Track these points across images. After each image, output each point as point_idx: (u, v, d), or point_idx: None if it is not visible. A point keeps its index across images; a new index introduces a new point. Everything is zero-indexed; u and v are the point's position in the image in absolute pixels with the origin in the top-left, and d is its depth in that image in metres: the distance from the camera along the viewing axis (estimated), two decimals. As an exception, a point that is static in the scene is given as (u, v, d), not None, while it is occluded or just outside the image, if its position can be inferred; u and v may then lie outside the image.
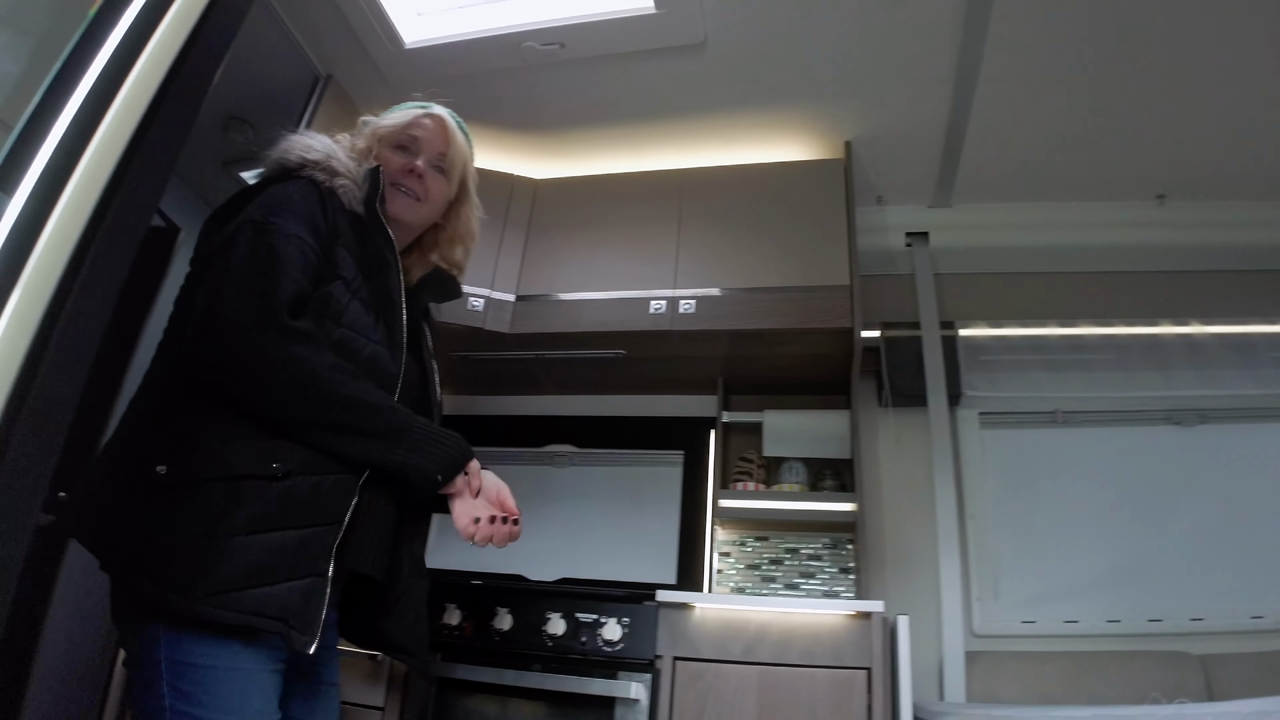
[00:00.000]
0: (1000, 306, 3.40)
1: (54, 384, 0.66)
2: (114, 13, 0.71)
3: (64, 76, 0.67)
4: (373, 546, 1.44)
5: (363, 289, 1.47)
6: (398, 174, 1.61)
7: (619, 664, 2.29)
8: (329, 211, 1.46)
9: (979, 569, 3.03)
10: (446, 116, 1.71)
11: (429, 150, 1.65)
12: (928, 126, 3.15)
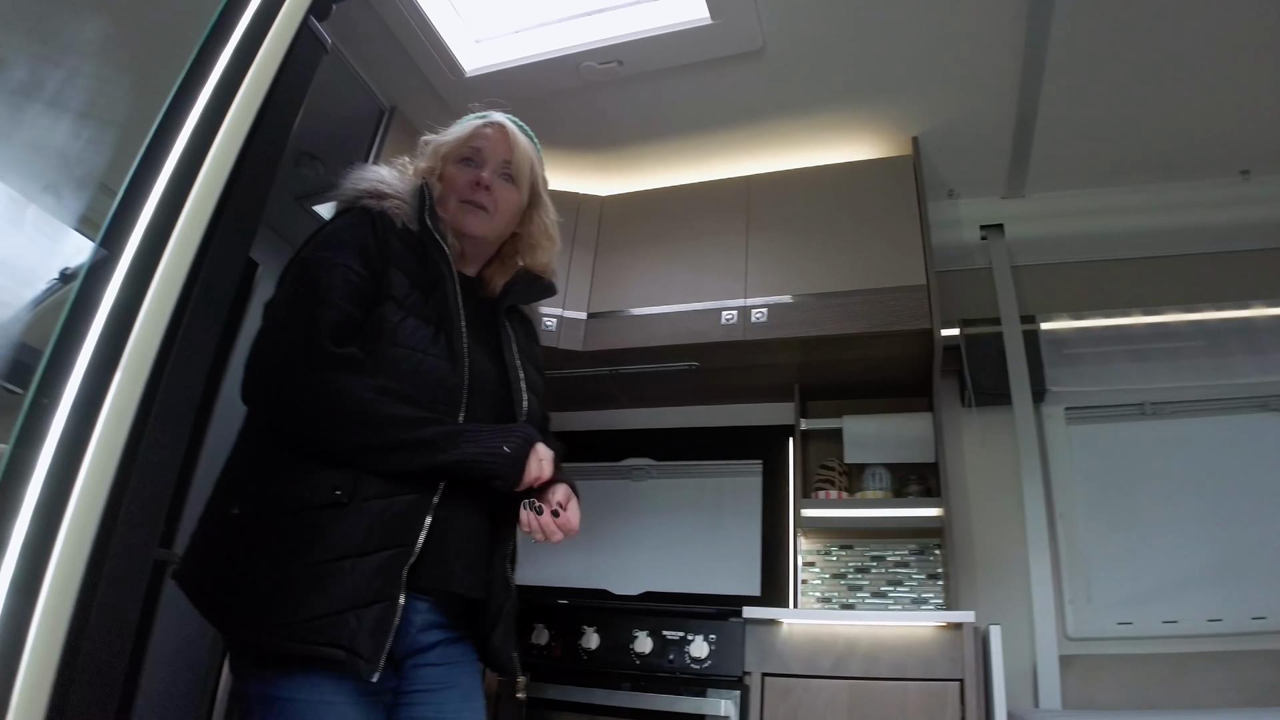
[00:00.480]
0: (1082, 297, 3.30)
1: (166, 424, 0.71)
2: (199, 78, 0.75)
3: (156, 144, 0.71)
4: (461, 563, 1.43)
5: (422, 305, 1.47)
6: (465, 189, 1.59)
7: (707, 681, 2.28)
8: (380, 235, 1.47)
9: (1070, 570, 2.93)
10: (507, 122, 1.68)
11: (494, 159, 1.63)
12: (996, 115, 3.06)
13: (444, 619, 1.46)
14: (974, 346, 3.23)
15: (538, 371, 1.69)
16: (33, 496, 0.61)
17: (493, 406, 1.52)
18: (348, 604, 1.25)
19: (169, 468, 0.71)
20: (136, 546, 0.68)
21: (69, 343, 0.65)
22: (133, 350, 0.66)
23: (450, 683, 1.46)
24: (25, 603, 0.58)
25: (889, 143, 3.25)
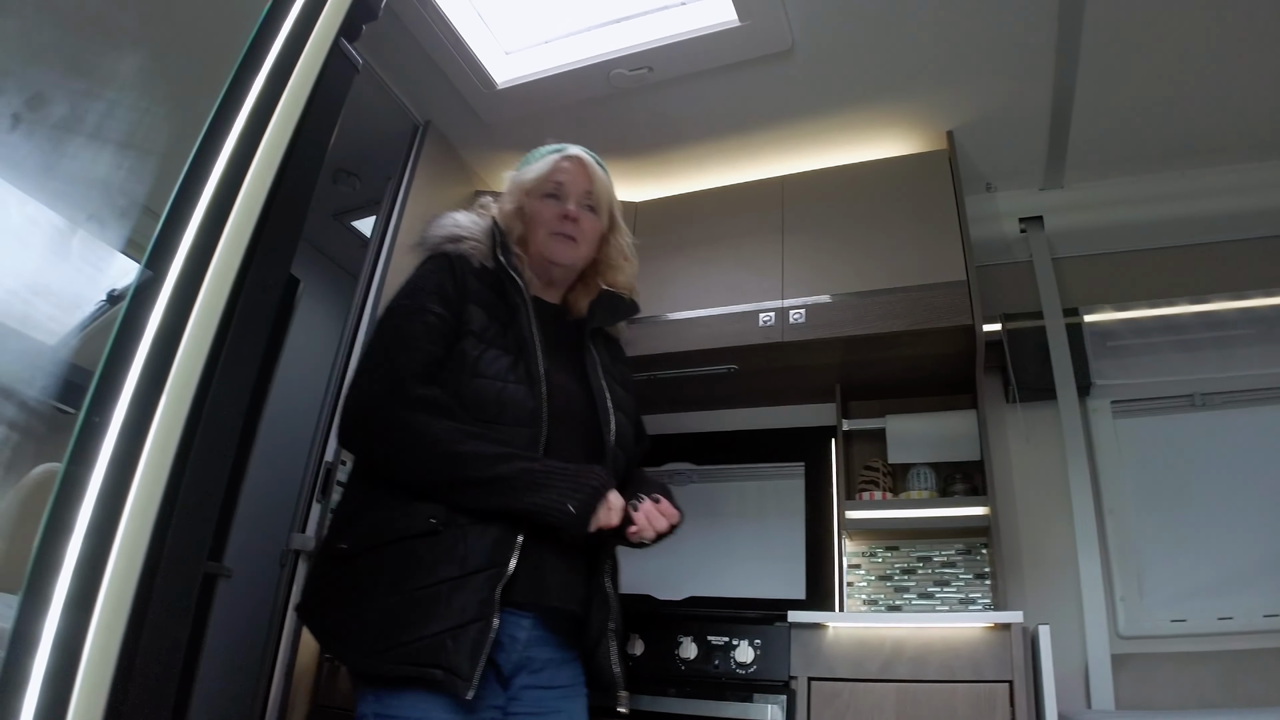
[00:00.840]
0: (1126, 287, 3.24)
1: (212, 439, 0.73)
2: (235, 104, 0.77)
3: (196, 167, 0.73)
4: (557, 579, 1.50)
5: (501, 335, 1.58)
6: (553, 221, 1.71)
7: (753, 686, 2.27)
8: (458, 276, 1.60)
9: (1121, 567, 2.88)
10: (584, 155, 1.81)
11: (576, 191, 1.75)
12: (1032, 106, 3.02)
13: (550, 634, 1.53)
14: (1017, 341, 3.19)
15: (626, 390, 1.78)
16: (86, 513, 0.62)
17: (578, 426, 1.61)
18: (446, 626, 1.32)
19: (216, 482, 0.73)
20: (187, 560, 0.70)
21: (118, 363, 0.67)
22: (179, 368, 0.68)
23: (557, 709, 1.53)
24: (81, 617, 0.60)
25: (923, 137, 3.22)
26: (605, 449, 1.62)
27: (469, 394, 1.49)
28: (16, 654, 0.58)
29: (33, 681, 0.58)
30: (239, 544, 3.33)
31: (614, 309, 1.82)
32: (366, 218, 3.84)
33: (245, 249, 0.75)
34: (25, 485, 0.74)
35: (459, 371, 1.51)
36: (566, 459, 1.51)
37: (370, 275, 2.99)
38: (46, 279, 0.78)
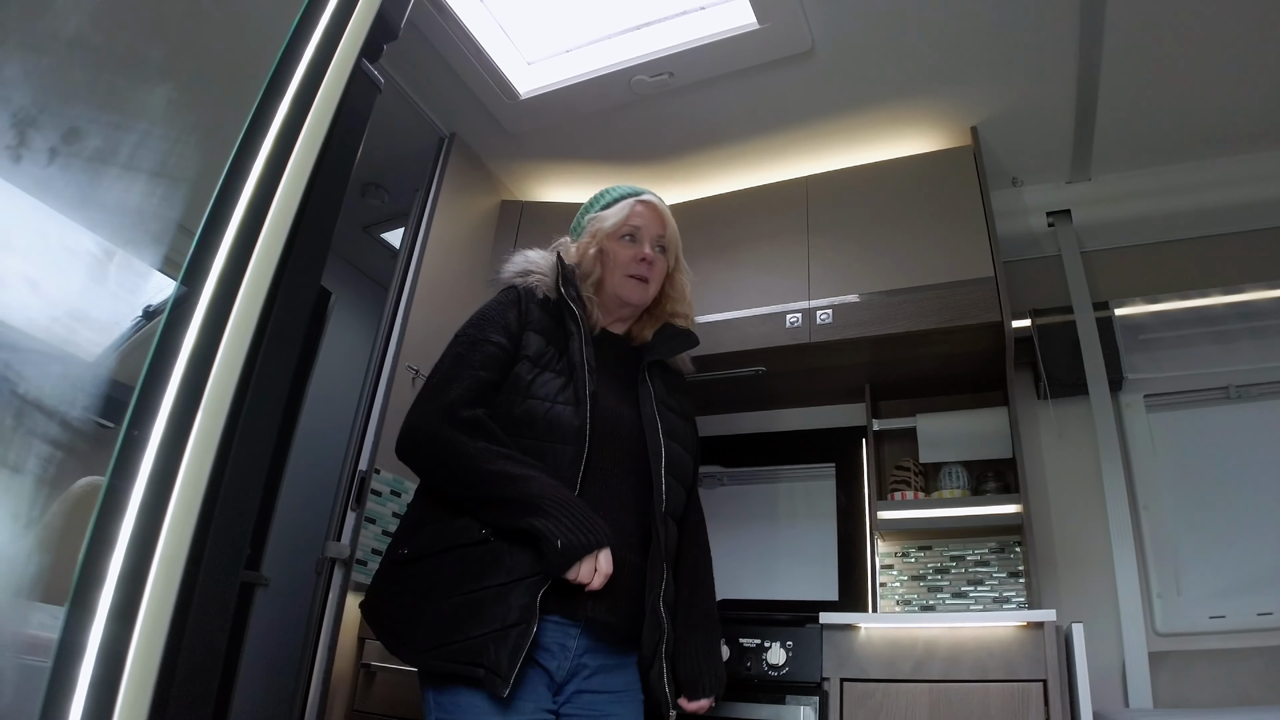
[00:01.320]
0: (1157, 279, 3.19)
1: (248, 450, 0.75)
2: (262, 127, 0.80)
3: (228, 187, 0.75)
4: (613, 597, 1.57)
5: (557, 360, 1.71)
6: (630, 263, 1.86)
7: (785, 688, 2.27)
8: (523, 307, 1.77)
9: (1157, 563, 2.84)
10: (656, 201, 1.97)
11: (650, 235, 1.91)
12: (1056, 98, 2.99)
13: (600, 643, 1.61)
14: (1047, 337, 3.16)
15: (683, 419, 1.90)
16: (128, 526, 0.64)
17: (625, 449, 1.71)
18: (491, 628, 1.43)
19: (252, 493, 0.75)
20: (225, 569, 0.71)
21: (156, 377, 0.69)
22: (215, 382, 0.70)
23: (609, 713, 1.60)
24: (124, 627, 0.62)
25: (947, 134, 3.21)
26: (651, 475, 1.71)
27: (521, 414, 1.62)
28: (64, 663, 0.60)
29: (79, 689, 0.60)
30: (276, 553, 3.38)
31: (672, 341, 1.96)
32: (395, 229, 3.89)
33: (276, 264, 0.77)
34: (69, 498, 0.76)
35: (513, 393, 1.65)
36: (611, 479, 1.65)
37: (400, 286, 3.03)
38: (87, 301, 0.81)
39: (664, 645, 1.62)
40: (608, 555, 1.51)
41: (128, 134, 0.80)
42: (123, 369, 0.80)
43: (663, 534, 1.67)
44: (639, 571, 1.64)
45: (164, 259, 0.82)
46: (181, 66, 0.89)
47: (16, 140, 0.73)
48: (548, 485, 1.51)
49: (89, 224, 0.79)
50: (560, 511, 1.48)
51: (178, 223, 0.81)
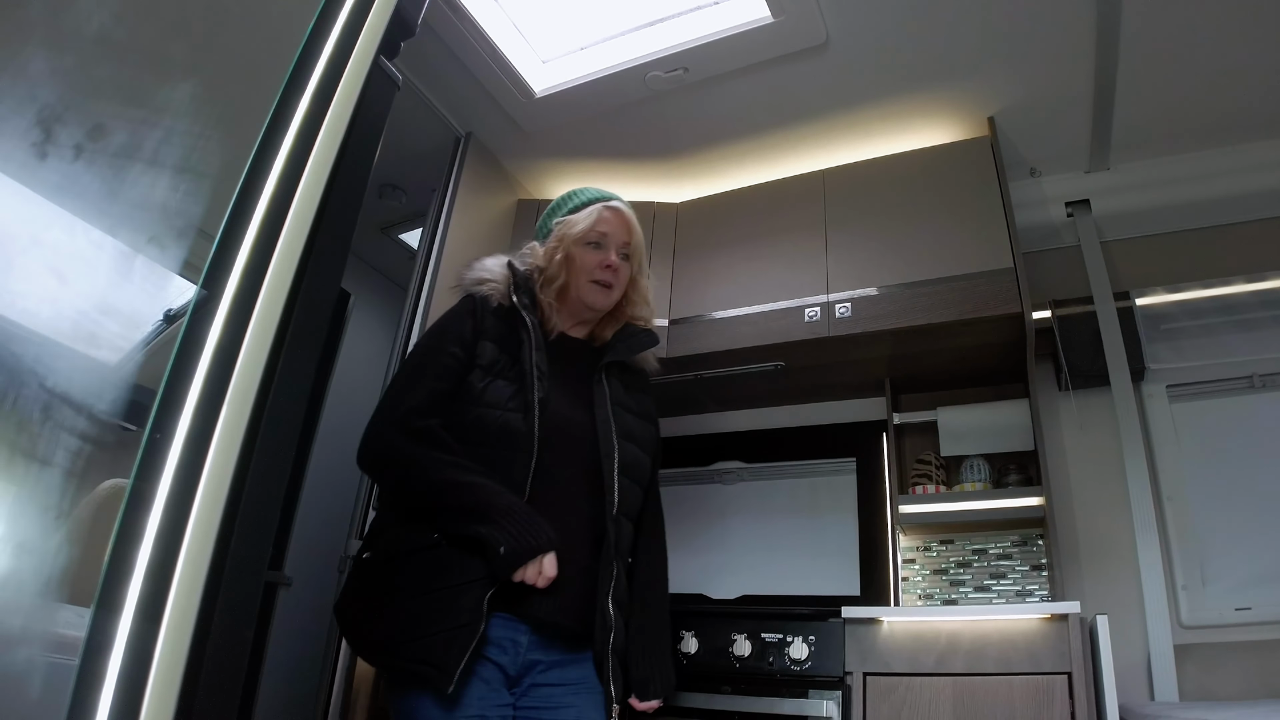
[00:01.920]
0: (1178, 269, 3.16)
1: (270, 452, 0.76)
2: (282, 125, 0.80)
3: (247, 189, 0.75)
4: (563, 597, 1.63)
5: (510, 367, 1.76)
6: (595, 269, 1.90)
7: (808, 682, 2.26)
8: (478, 315, 1.81)
9: (1182, 555, 2.80)
10: (623, 208, 2.00)
11: (616, 242, 1.94)
12: (1073, 87, 2.95)
13: (552, 640, 1.66)
14: (1067, 328, 3.13)
15: (641, 419, 1.95)
16: (153, 527, 0.65)
17: (577, 451, 1.76)
18: (443, 628, 1.50)
19: (275, 494, 0.76)
20: (249, 569, 0.72)
21: (179, 380, 0.69)
22: (237, 384, 0.71)
23: (566, 704, 1.65)
24: (150, 626, 0.62)
25: (964, 125, 3.18)
26: (603, 476, 1.76)
27: (472, 421, 1.69)
28: (91, 660, 0.61)
29: (107, 687, 0.60)
30: (298, 553, 3.40)
31: (630, 341, 2.00)
32: (413, 230, 3.90)
33: (296, 267, 0.77)
34: (93, 500, 0.77)
35: (465, 402, 1.71)
36: (562, 482, 1.69)
37: (419, 286, 3.04)
38: (110, 300, 0.81)
39: (611, 642, 1.67)
40: (552, 559, 1.58)
41: (152, 130, 0.81)
42: (144, 373, 0.80)
43: (613, 534, 1.72)
44: (589, 571, 1.70)
45: (184, 263, 0.83)
46: (204, 62, 0.90)
47: (43, 137, 0.74)
48: (494, 493, 1.58)
49: (112, 223, 0.79)
50: (504, 518, 1.55)
51: (198, 227, 0.82)
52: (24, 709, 0.67)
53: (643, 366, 2.07)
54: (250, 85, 0.89)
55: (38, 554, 0.73)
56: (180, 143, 0.83)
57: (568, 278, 1.91)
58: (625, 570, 1.78)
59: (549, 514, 1.62)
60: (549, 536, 1.56)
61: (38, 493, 0.75)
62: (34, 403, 0.72)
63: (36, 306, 0.76)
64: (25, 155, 0.74)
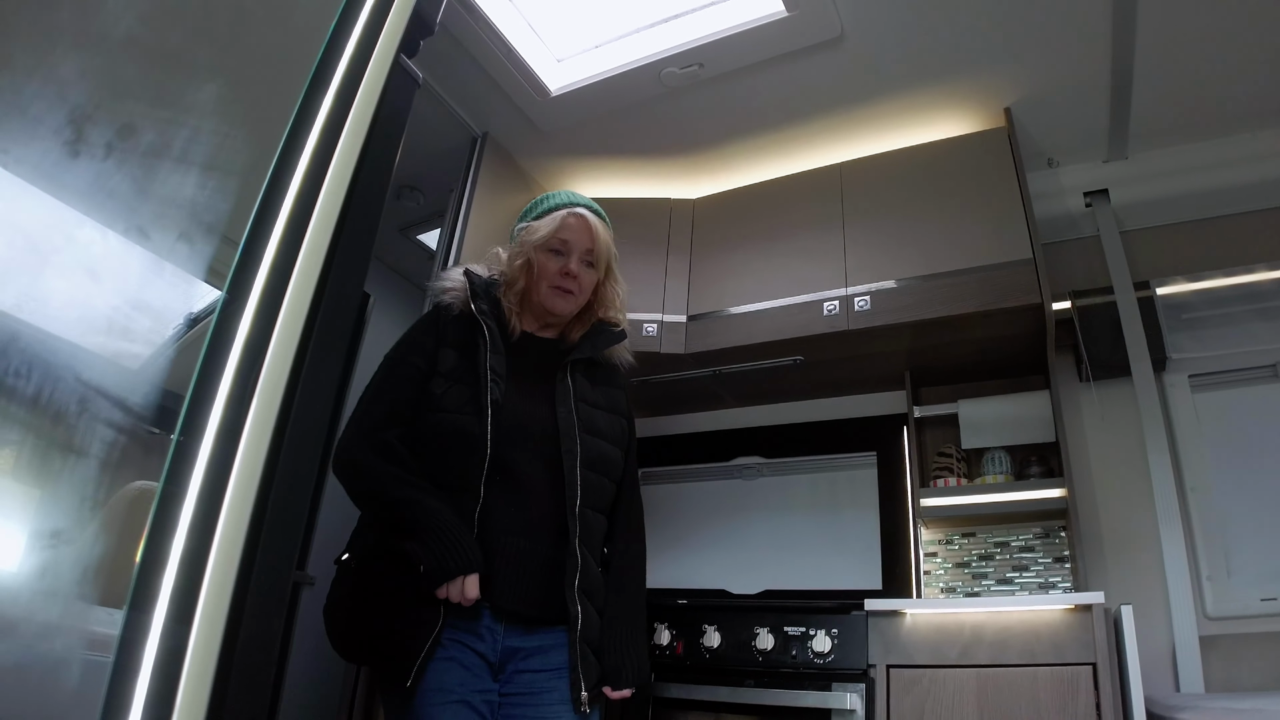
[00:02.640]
0: (1199, 257, 3.13)
1: (297, 454, 0.76)
2: (306, 122, 0.81)
3: (271, 191, 0.76)
4: (522, 587, 1.70)
5: (469, 372, 1.80)
6: (555, 275, 1.92)
7: (831, 675, 2.26)
8: (441, 325, 1.87)
9: (1206, 546, 2.78)
10: (587, 213, 1.98)
11: (579, 249, 1.94)
12: (1090, 76, 2.93)
13: (532, 628, 1.72)
14: (1088, 318, 3.11)
15: (610, 414, 1.96)
16: (183, 530, 0.66)
17: (539, 448, 1.80)
18: (408, 624, 1.59)
19: (302, 497, 0.76)
20: (277, 571, 0.73)
21: (207, 383, 0.70)
22: (263, 388, 0.71)
23: (549, 687, 1.70)
24: (181, 628, 0.63)
25: (980, 116, 3.17)
26: (566, 474, 1.79)
27: (429, 426, 1.74)
28: (124, 664, 0.62)
29: (139, 689, 0.61)
30: (320, 553, 3.42)
31: (595, 339, 2.00)
32: (431, 231, 3.91)
33: (321, 267, 0.78)
34: (120, 501, 0.77)
35: (425, 409, 1.76)
36: (523, 478, 1.75)
37: (437, 287, 3.05)
38: (142, 297, 0.82)
39: (580, 630, 1.71)
40: (474, 580, 1.61)
41: (179, 129, 0.82)
42: (169, 377, 0.81)
43: (576, 527, 1.75)
44: (552, 562, 1.74)
45: (208, 269, 0.83)
46: (228, 64, 0.91)
47: (75, 135, 0.75)
48: (430, 512, 1.63)
49: (142, 220, 0.80)
50: (432, 538, 1.59)
51: (222, 233, 0.83)
52: (61, 701, 0.68)
53: (613, 361, 2.08)
54: (274, 84, 0.90)
55: (68, 553, 0.74)
56: (207, 141, 0.84)
57: (527, 283, 1.94)
58: (597, 561, 1.83)
59: (510, 510, 1.71)
60: (470, 559, 1.60)
61: (66, 494, 0.76)
62: (62, 407, 0.73)
63: (66, 307, 0.77)
64: (59, 154, 0.75)
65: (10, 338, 0.71)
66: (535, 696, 1.68)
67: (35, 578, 0.74)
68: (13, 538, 0.76)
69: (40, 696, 0.69)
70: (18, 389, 0.71)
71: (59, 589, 0.75)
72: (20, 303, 0.74)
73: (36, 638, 0.70)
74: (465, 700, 1.58)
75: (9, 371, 0.70)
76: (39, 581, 0.73)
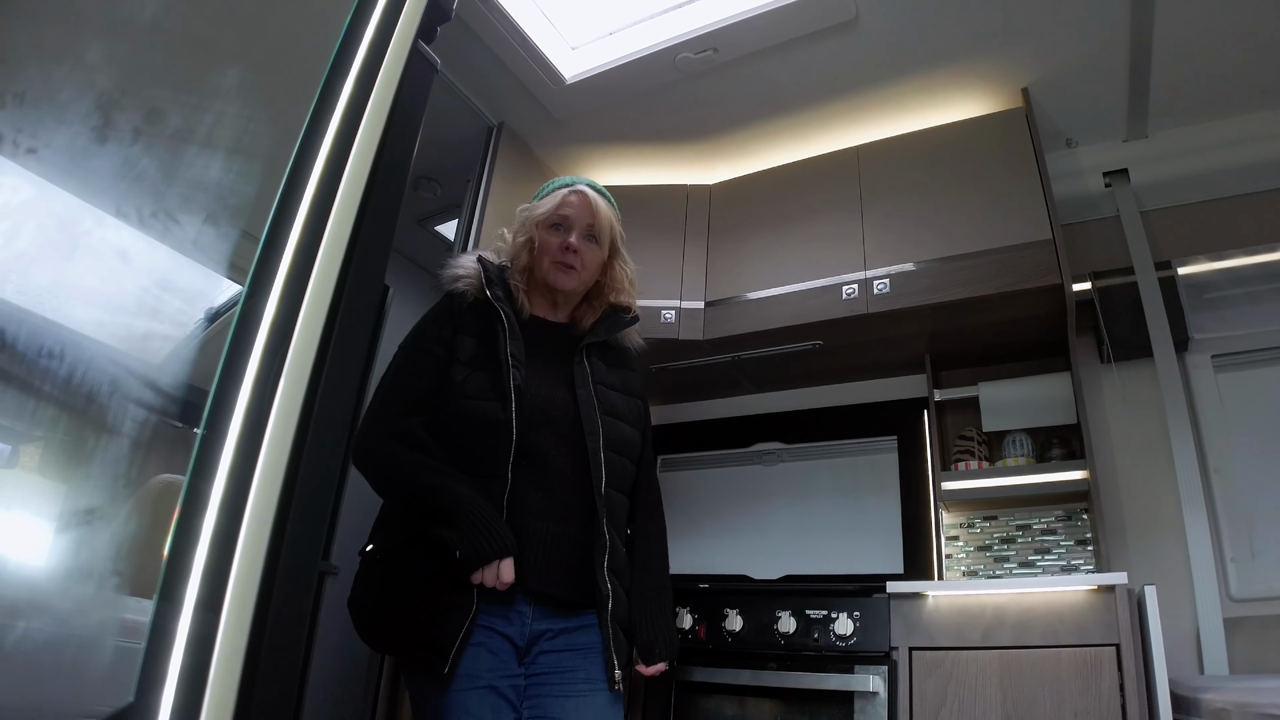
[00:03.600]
0: (1220, 236, 3.09)
1: (321, 445, 0.77)
2: (326, 109, 0.81)
3: (292, 183, 0.76)
4: (541, 568, 1.69)
5: (489, 358, 1.80)
6: (556, 251, 1.91)
7: (854, 658, 2.27)
8: (455, 313, 1.86)
9: (1230, 527, 2.75)
10: (588, 190, 1.99)
11: (579, 224, 1.94)
12: (1108, 54, 2.89)
13: (560, 610, 1.73)
14: (1108, 299, 3.08)
15: (626, 395, 1.97)
16: (209, 523, 0.67)
17: (563, 431, 1.80)
18: (439, 612, 1.59)
19: (328, 485, 0.77)
20: (303, 561, 0.73)
21: (231, 376, 0.71)
22: (288, 378, 0.72)
23: (574, 666, 1.71)
24: (210, 617, 0.64)
25: (998, 97, 3.14)
26: (590, 456, 1.80)
27: (453, 413, 1.74)
28: (155, 653, 0.63)
29: (170, 677, 0.62)
30: (343, 542, 3.45)
31: (612, 323, 2.01)
32: (448, 221, 3.92)
33: (342, 262, 0.78)
34: (145, 495, 0.78)
35: (447, 396, 1.75)
36: (549, 463, 1.75)
37: (456, 278, 3.06)
38: (168, 277, 0.83)
39: (611, 610, 1.72)
40: (509, 564, 1.61)
41: (205, 114, 0.83)
42: (192, 371, 0.82)
43: (603, 508, 1.76)
44: (581, 544, 1.75)
45: (230, 264, 0.84)
46: (250, 50, 0.92)
47: (103, 121, 0.76)
48: (461, 497, 1.63)
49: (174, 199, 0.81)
50: (466, 523, 1.59)
51: (244, 224, 0.83)
52: (94, 683, 0.70)
53: (626, 344, 2.09)
54: (295, 69, 0.91)
55: (99, 544, 0.76)
56: (230, 126, 0.85)
57: (530, 260, 1.94)
58: (623, 541, 1.84)
59: (537, 494, 1.72)
60: (505, 543, 1.61)
61: (95, 485, 0.77)
62: (83, 402, 0.74)
63: (93, 293, 0.78)
64: (87, 139, 0.76)
65: (37, 331, 0.72)
66: (561, 675, 1.68)
67: (66, 570, 0.75)
68: (43, 529, 0.78)
69: (74, 681, 0.70)
70: (46, 383, 0.72)
71: (90, 580, 0.76)
72: (48, 290, 0.75)
73: (69, 624, 0.72)
74: (493, 686, 1.59)
75: (44, 369, 0.71)
76: (70, 572, 0.75)
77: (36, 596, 0.74)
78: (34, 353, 0.72)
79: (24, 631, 0.69)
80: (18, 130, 0.74)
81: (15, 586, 0.74)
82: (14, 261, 0.75)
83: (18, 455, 0.76)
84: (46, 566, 0.77)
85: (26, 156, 0.74)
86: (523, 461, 1.71)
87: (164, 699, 0.61)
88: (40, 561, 0.77)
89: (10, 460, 0.76)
